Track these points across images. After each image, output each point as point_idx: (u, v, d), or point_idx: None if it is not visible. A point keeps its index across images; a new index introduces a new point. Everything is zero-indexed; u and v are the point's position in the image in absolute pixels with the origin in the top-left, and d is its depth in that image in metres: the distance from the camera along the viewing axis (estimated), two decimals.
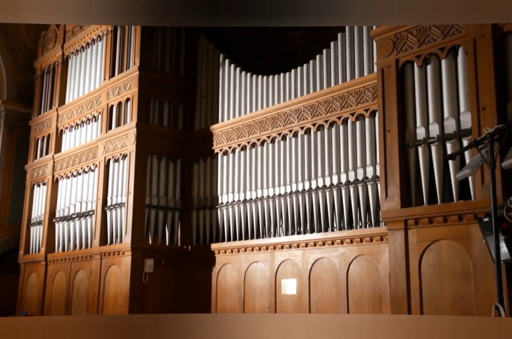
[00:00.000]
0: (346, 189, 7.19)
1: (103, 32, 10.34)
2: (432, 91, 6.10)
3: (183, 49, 9.97)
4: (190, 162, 9.50)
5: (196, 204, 9.22)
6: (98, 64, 10.44)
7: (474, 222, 5.18)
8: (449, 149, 5.82)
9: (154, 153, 9.23)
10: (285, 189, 7.93)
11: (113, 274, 8.92)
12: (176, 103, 9.68)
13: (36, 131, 11.77)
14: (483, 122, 5.46)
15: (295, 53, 9.75)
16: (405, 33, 6.37)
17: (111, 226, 9.23)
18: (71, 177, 10.56)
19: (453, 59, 6.03)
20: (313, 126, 7.81)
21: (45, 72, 11.92)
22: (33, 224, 11.26)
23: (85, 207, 9.97)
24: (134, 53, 9.45)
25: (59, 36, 11.60)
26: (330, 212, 7.35)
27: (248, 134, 8.67)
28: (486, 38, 5.64)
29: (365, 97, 7.22)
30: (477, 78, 5.64)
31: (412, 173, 6.10)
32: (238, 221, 8.52)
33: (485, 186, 5.29)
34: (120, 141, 9.32)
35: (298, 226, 7.73)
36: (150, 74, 9.37)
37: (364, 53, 7.43)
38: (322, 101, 7.74)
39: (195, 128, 9.63)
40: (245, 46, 10.60)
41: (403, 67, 6.40)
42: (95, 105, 10.21)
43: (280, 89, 8.42)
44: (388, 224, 6.15)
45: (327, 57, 7.87)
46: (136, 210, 8.79)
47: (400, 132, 6.21)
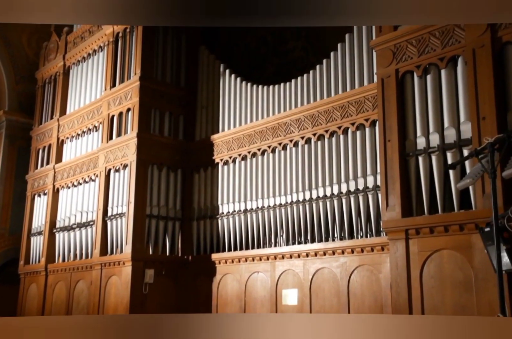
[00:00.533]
0: (347, 199, 7.18)
1: (104, 43, 10.39)
2: (432, 101, 6.11)
3: (184, 60, 10.01)
4: (190, 172, 9.51)
5: (196, 214, 9.21)
6: (99, 74, 10.48)
7: (475, 232, 5.17)
8: (450, 159, 5.82)
9: (155, 163, 9.24)
10: (286, 199, 7.92)
11: (113, 284, 8.89)
12: (177, 113, 9.70)
13: (37, 141, 11.79)
14: (483, 131, 5.47)
15: (295, 63, 9.78)
16: (404, 43, 6.40)
17: (112, 236, 9.22)
18: (72, 187, 10.56)
19: (452, 69, 6.04)
20: (313, 136, 7.81)
21: (47, 82, 11.96)
22: (33, 234, 11.24)
23: (85, 217, 9.96)
24: (135, 63, 9.49)
25: (60, 47, 11.66)
26: (331, 221, 7.34)
27: (248, 144, 8.68)
28: (485, 48, 5.66)
29: (365, 106, 7.23)
30: (476, 88, 5.65)
31: (413, 182, 6.10)
32: (238, 231, 8.50)
33: (486, 195, 5.28)
34: (121, 151, 9.33)
35: (299, 236, 7.71)
36: (151, 84, 9.41)
37: (364, 63, 7.45)
38: (322, 111, 7.76)
39: (195, 138, 9.64)
40: (245, 56, 10.64)
41: (403, 77, 6.41)
42: (96, 115, 10.23)
43: (280, 99, 8.44)
44: (389, 234, 6.14)
45: (327, 67, 7.90)
46: (136, 220, 8.78)
47: (401, 142, 6.21)
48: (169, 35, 9.89)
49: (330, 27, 9.49)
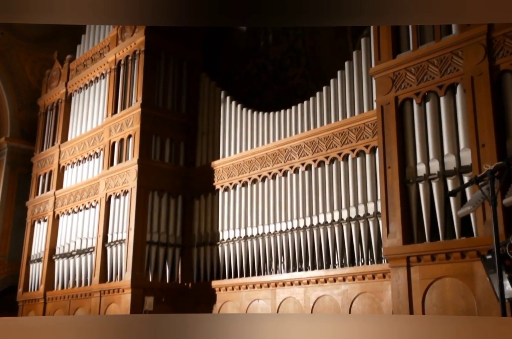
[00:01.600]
0: (348, 226, 7.16)
1: (106, 70, 10.49)
2: (431, 128, 6.14)
3: (185, 86, 10.08)
4: (191, 198, 9.50)
5: (196, 241, 9.17)
6: (101, 101, 10.55)
7: (477, 259, 5.14)
8: (450, 186, 5.82)
9: (155, 189, 9.23)
10: (286, 225, 7.89)
11: (113, 312, 8.79)
12: (178, 139, 9.74)
13: (38, 168, 11.81)
14: (483, 158, 5.49)
15: (295, 90, 9.86)
16: (403, 71, 6.46)
17: (111, 263, 9.16)
18: (72, 213, 10.54)
19: (451, 96, 6.09)
20: (313, 162, 7.83)
21: (49, 109, 12.04)
22: (32, 261, 11.17)
23: (85, 244, 9.91)
24: (137, 90, 9.56)
25: (63, 74, 11.77)
26: (332, 248, 7.30)
27: (249, 170, 8.69)
28: (484, 76, 5.72)
29: (365, 133, 7.26)
30: (475, 115, 5.69)
31: (413, 209, 6.09)
32: (239, 258, 8.45)
33: (487, 222, 5.27)
34: (122, 177, 9.34)
35: (300, 263, 7.66)
36: (152, 111, 9.46)
37: (363, 90, 7.51)
38: (322, 137, 7.79)
39: (196, 164, 9.66)
40: (246, 83, 10.74)
41: (402, 104, 6.46)
42: (97, 141, 10.27)
43: (280, 125, 8.48)
44: (390, 261, 6.10)
45: (327, 94, 7.95)
46: (136, 247, 8.74)
47: (401, 169, 6.22)
48: (170, 62, 9.99)
49: (329, 55, 9.61)
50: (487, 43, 5.81)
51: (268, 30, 10.71)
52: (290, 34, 10.27)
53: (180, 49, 10.05)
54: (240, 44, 11.15)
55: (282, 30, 10.41)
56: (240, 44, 11.15)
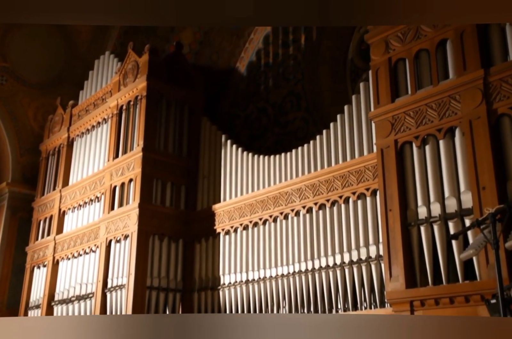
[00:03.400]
0: (350, 269, 7.09)
1: (108, 115, 10.61)
2: (431, 171, 6.17)
3: (186, 130, 10.15)
4: (192, 242, 9.44)
5: (197, 285, 9.06)
6: (102, 146, 10.62)
7: (481, 304, 5.07)
8: (452, 229, 5.79)
9: (156, 233, 9.19)
10: (288, 269, 7.82)
11: None
12: (179, 183, 9.76)
13: (39, 213, 11.78)
14: (484, 201, 5.49)
15: (295, 133, 9.96)
16: (402, 114, 6.54)
17: (111, 308, 9.02)
18: (72, 258, 10.45)
19: (450, 139, 6.14)
20: (314, 205, 7.82)
21: (50, 154, 12.12)
22: (31, 308, 10.99)
23: (84, 290, 9.78)
24: (138, 135, 9.64)
25: (65, 120, 11.89)
26: (334, 292, 7.21)
27: (250, 213, 8.68)
28: (482, 120, 5.78)
29: (365, 176, 7.28)
30: (475, 158, 5.73)
31: (416, 252, 6.05)
32: (240, 302, 8.33)
33: (490, 266, 5.22)
34: (122, 221, 9.31)
35: (302, 307, 7.55)
36: (153, 155, 9.52)
37: (363, 133, 7.56)
38: (323, 180, 7.81)
39: (197, 207, 9.65)
40: (246, 127, 10.85)
41: (402, 148, 6.51)
42: (98, 186, 10.29)
43: (281, 168, 8.52)
44: (393, 305, 6.02)
45: (327, 137, 8.01)
46: (136, 292, 8.63)
47: (402, 211, 6.22)
48: (172, 106, 10.11)
49: (329, 99, 9.75)
50: (484, 87, 5.90)
51: (268, 74, 10.90)
52: (290, 79, 10.44)
53: (181, 93, 10.19)
54: (241, 88, 11.32)
55: (282, 74, 10.59)
56: (241, 88, 11.32)
